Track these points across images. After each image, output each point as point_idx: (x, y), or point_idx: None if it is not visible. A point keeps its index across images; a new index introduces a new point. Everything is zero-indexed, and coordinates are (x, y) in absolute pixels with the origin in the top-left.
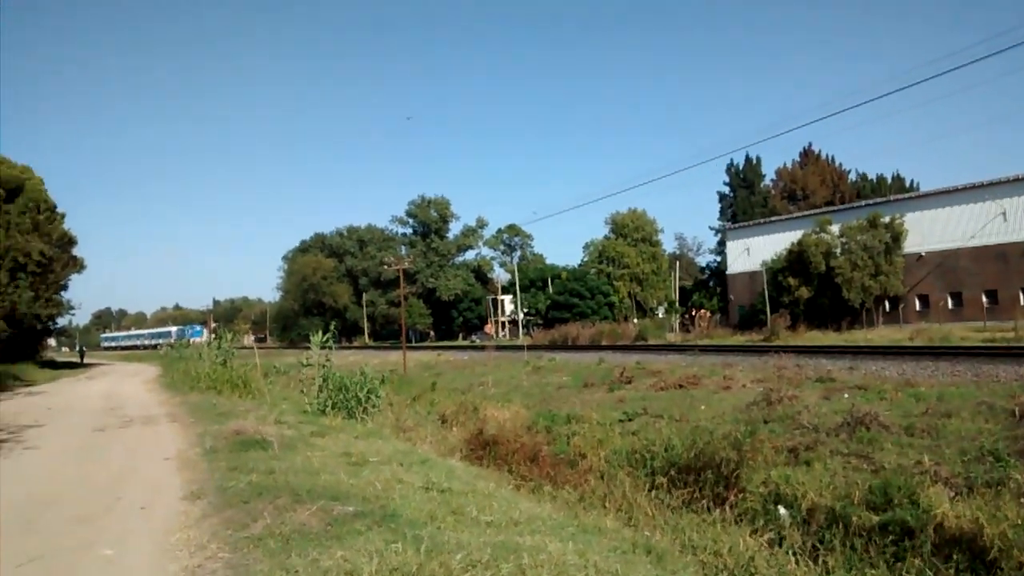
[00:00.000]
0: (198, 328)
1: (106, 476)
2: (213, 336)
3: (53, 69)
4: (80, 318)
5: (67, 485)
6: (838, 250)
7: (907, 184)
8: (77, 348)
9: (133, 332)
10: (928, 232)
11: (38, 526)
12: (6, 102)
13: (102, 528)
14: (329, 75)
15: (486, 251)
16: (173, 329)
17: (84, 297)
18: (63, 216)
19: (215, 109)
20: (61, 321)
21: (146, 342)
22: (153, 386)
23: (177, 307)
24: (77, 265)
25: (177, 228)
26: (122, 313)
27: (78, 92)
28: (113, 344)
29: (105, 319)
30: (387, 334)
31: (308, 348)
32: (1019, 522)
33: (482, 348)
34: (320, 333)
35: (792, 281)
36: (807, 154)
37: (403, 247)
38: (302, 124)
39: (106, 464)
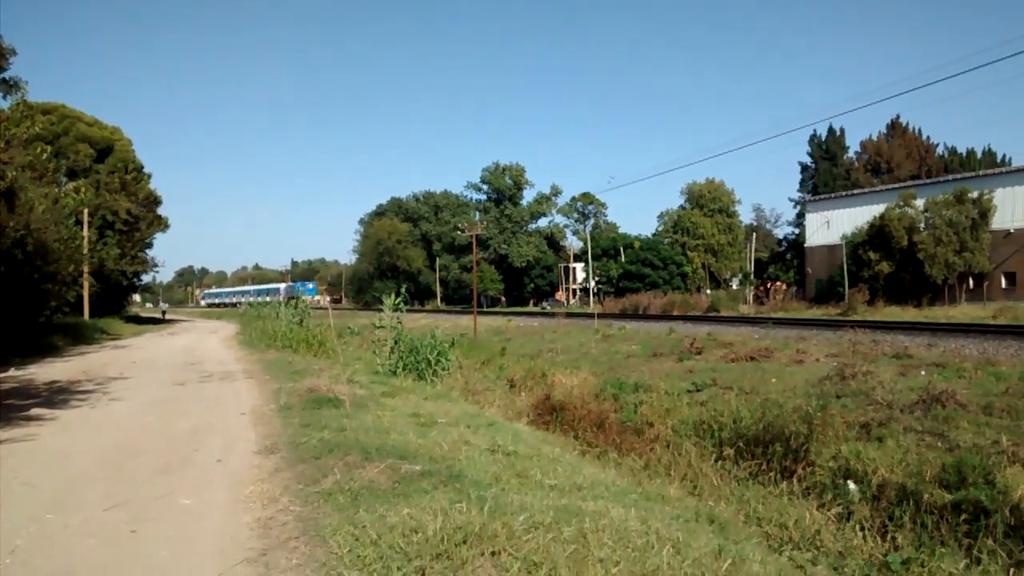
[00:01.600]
0: (311, 285)
1: (186, 429)
2: (328, 298)
3: (143, 34)
4: (163, 275)
5: (150, 436)
6: (922, 225)
7: (998, 159)
8: (160, 306)
9: (238, 288)
10: (1018, 208)
11: (123, 474)
12: (100, 65)
13: (181, 478)
14: (410, 40)
15: (559, 219)
16: (282, 286)
17: (167, 255)
18: (149, 176)
19: (297, 72)
20: (145, 278)
21: (251, 299)
22: (232, 343)
23: (257, 267)
24: (162, 224)
25: (258, 190)
26: (203, 271)
27: (167, 56)
28: (216, 300)
29: (187, 277)
30: (459, 299)
31: (381, 310)
32: None
33: (552, 315)
34: (393, 296)
35: (872, 255)
36: (894, 126)
37: (477, 213)
38: (383, 88)
39: (186, 417)
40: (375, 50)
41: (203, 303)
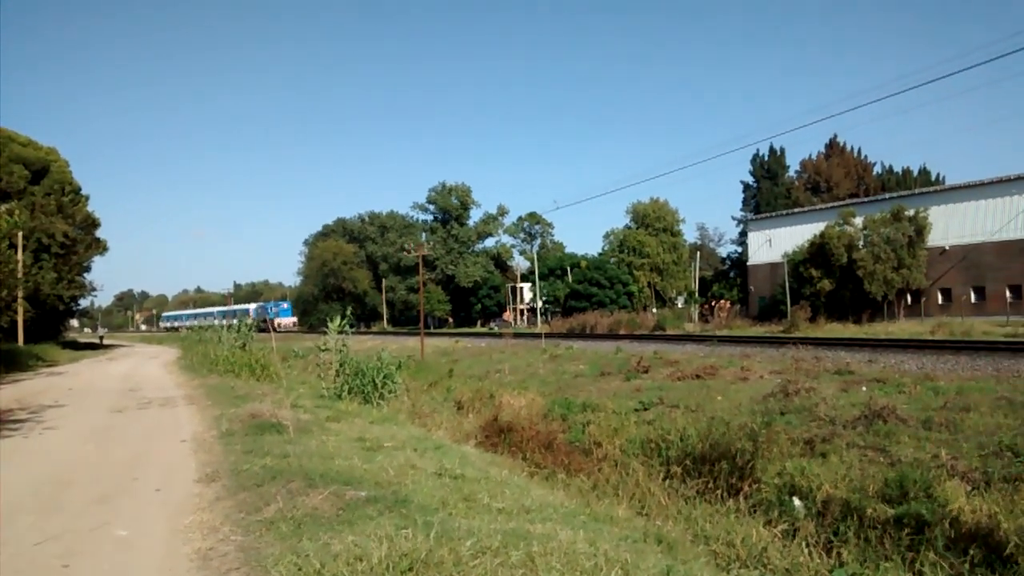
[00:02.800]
0: (285, 305)
1: (123, 457)
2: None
3: (79, 53)
4: (102, 299)
5: (85, 466)
6: (861, 242)
7: (933, 177)
8: (98, 331)
9: (201, 311)
10: (952, 226)
11: (56, 505)
12: (33, 84)
13: (118, 509)
14: (351, 60)
15: (506, 239)
16: (251, 307)
17: (106, 279)
18: (87, 198)
19: (237, 93)
20: (83, 303)
21: (217, 321)
22: (172, 368)
23: (199, 290)
24: (100, 247)
25: (199, 212)
26: (144, 295)
27: (104, 76)
28: (176, 324)
29: (127, 301)
30: (406, 320)
31: (327, 332)
32: None
33: (500, 335)
34: (338, 318)
35: (813, 273)
36: (832, 146)
37: (423, 233)
38: (324, 109)
39: (124, 445)
40: (319, 70)
41: (163, 326)
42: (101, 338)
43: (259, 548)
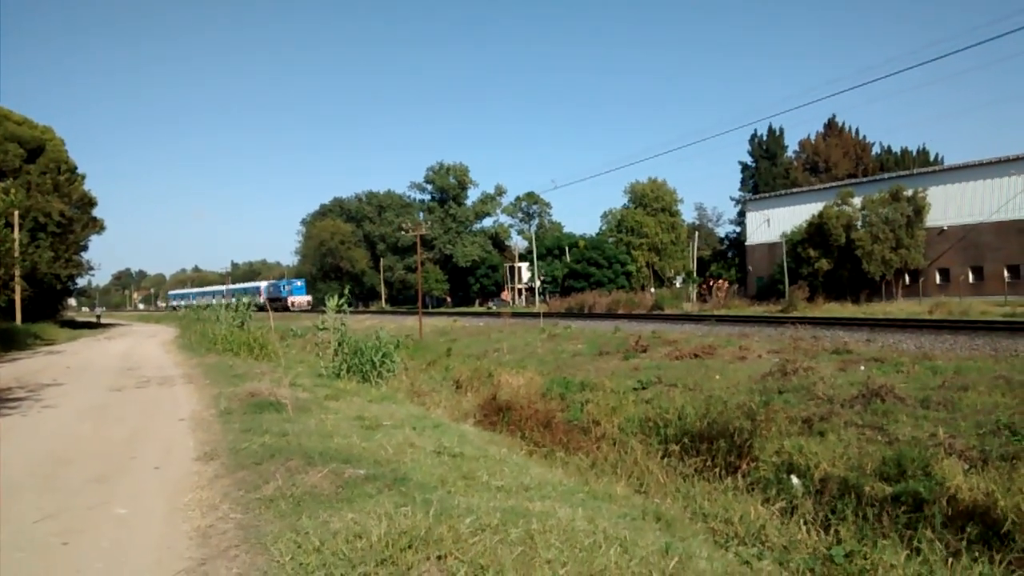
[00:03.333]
0: (299, 283)
1: (122, 436)
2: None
3: (75, 32)
4: (100, 279)
5: (84, 444)
6: (859, 223)
7: (931, 158)
8: (95, 310)
9: (209, 288)
10: (951, 206)
11: (55, 484)
12: (29, 63)
13: (116, 487)
14: (351, 39)
15: (504, 218)
16: (263, 284)
17: (103, 258)
18: (83, 177)
19: (236, 73)
20: (81, 281)
21: (226, 300)
22: (170, 347)
23: (196, 269)
24: (97, 226)
25: (197, 191)
26: (142, 274)
27: (101, 56)
28: (183, 303)
29: (124, 280)
30: (404, 299)
31: (324, 311)
32: None
33: (498, 315)
34: (336, 297)
35: (812, 253)
36: (831, 126)
37: (421, 213)
38: (323, 88)
39: (122, 424)
40: (316, 50)
41: (172, 303)
42: (99, 317)
43: (258, 526)
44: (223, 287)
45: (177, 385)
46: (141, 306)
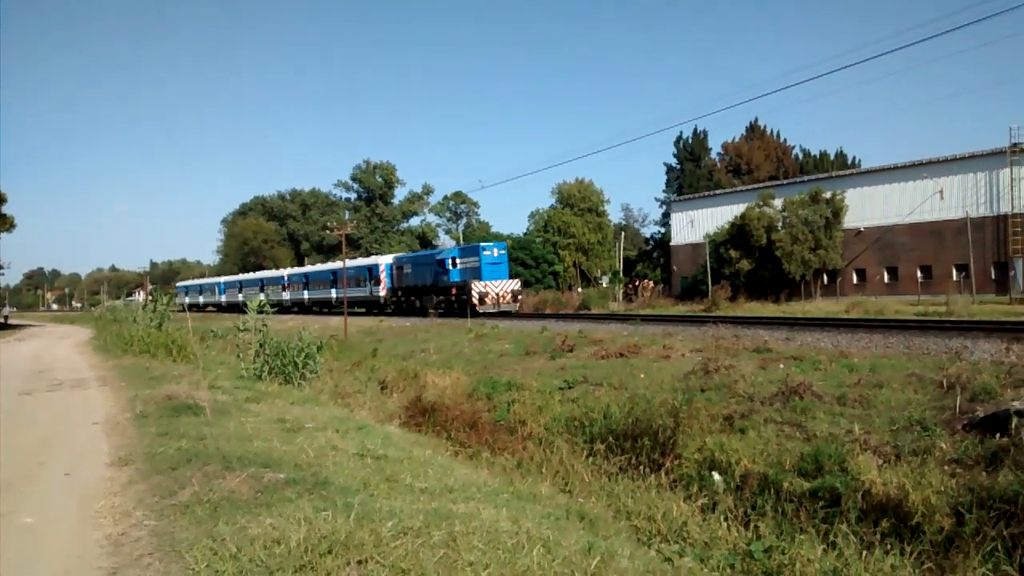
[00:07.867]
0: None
1: (30, 441)
2: (150, 299)
3: None
4: (10, 278)
5: None
6: (780, 224)
7: (849, 161)
8: (2, 311)
9: (228, 279)
10: (867, 208)
11: None
12: None
13: (23, 495)
14: (273, 37)
15: (431, 218)
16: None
17: (14, 257)
18: None
19: (153, 69)
20: None
21: (221, 300)
22: (85, 349)
23: (113, 268)
24: (7, 224)
25: (113, 189)
26: (55, 274)
27: (12, 49)
28: (201, 300)
29: (37, 280)
30: None
31: (246, 312)
32: (941, 488)
33: (426, 315)
34: (259, 296)
35: (734, 253)
36: (753, 129)
37: (347, 212)
38: (243, 85)
39: (31, 429)
40: (240, 47)
41: (182, 300)
42: (6, 318)
43: (173, 532)
44: (244, 277)
45: (91, 388)
46: (55, 306)
